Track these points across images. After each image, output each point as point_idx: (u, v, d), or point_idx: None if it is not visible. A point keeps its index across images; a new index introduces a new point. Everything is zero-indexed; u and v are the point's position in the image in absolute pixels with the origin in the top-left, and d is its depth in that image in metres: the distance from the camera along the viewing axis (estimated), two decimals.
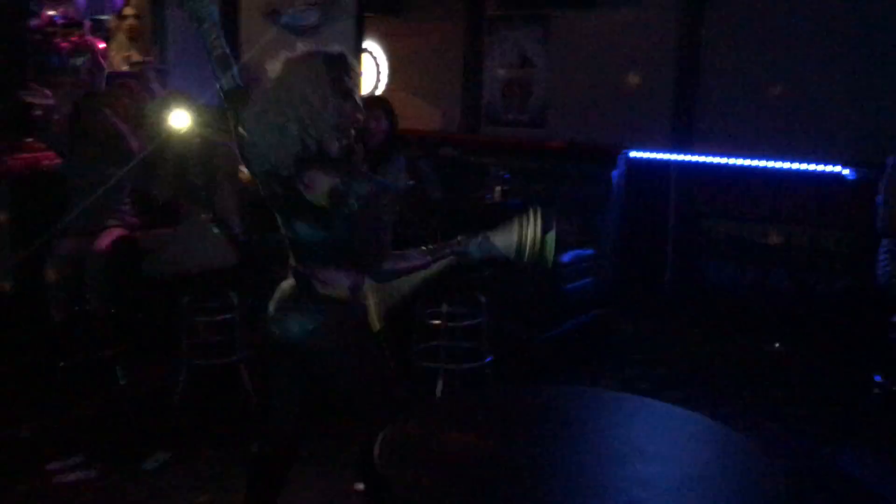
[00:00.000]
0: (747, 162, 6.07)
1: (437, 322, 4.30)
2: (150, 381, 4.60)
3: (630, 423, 2.15)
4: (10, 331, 4.72)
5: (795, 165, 5.87)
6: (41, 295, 4.49)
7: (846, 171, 5.66)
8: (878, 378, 4.42)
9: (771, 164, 5.96)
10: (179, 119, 4.55)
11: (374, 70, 8.17)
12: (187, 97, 4.71)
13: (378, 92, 8.07)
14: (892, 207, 4.25)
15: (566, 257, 5.03)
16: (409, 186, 4.54)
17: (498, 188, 5.12)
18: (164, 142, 4.58)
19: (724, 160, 6.19)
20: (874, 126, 5.48)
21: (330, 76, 2.40)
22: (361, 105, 2.50)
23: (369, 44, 8.07)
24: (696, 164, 6.28)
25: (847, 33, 5.72)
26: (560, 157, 6.44)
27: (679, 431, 2.10)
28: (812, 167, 5.81)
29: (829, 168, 5.74)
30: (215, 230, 4.39)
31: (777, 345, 5.48)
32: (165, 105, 4.67)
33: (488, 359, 4.34)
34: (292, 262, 2.52)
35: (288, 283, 2.55)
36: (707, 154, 6.26)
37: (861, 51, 5.67)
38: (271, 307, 2.57)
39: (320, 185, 2.34)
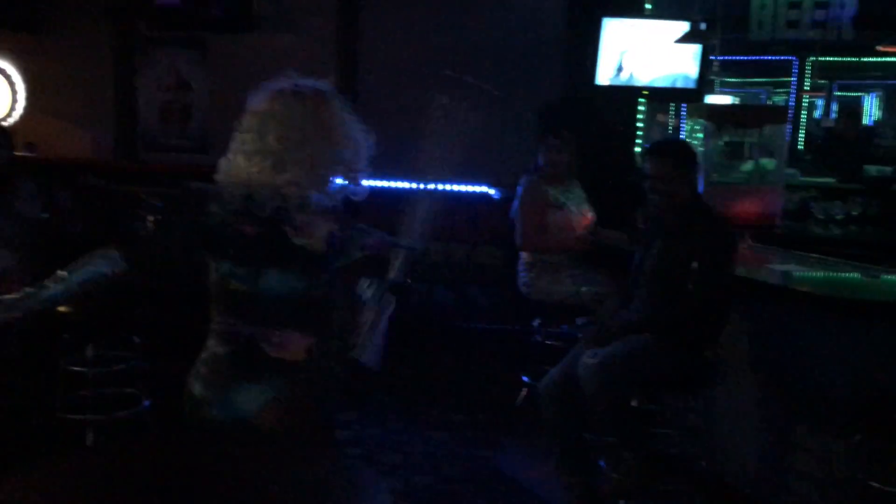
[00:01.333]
0: (407, 185, 6.34)
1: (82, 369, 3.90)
2: None
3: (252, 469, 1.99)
4: None
5: (451, 187, 6.26)
6: None
7: (493, 192, 6.16)
8: (525, 378, 4.80)
9: (430, 186, 6.28)
10: None
11: (8, 92, 7.30)
12: None
13: (15, 115, 7.24)
14: (525, 225, 4.66)
15: None
16: (41, 219, 4.10)
17: (150, 218, 4.81)
18: None
19: (386, 184, 6.41)
20: (511, 152, 6.05)
21: (331, 113, 2.18)
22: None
23: (1, 62, 7.22)
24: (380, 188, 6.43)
25: (491, 67, 6.23)
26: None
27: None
28: (465, 188, 6.24)
29: (478, 189, 6.21)
30: None
31: None
32: None
33: (145, 404, 4.03)
34: (223, 323, 2.13)
35: (221, 350, 2.14)
36: (373, 178, 6.43)
37: (502, 84, 6.22)
38: (197, 386, 2.15)
39: (317, 230, 2.12)
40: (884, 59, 9.52)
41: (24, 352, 4.06)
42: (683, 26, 5.76)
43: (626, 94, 6.36)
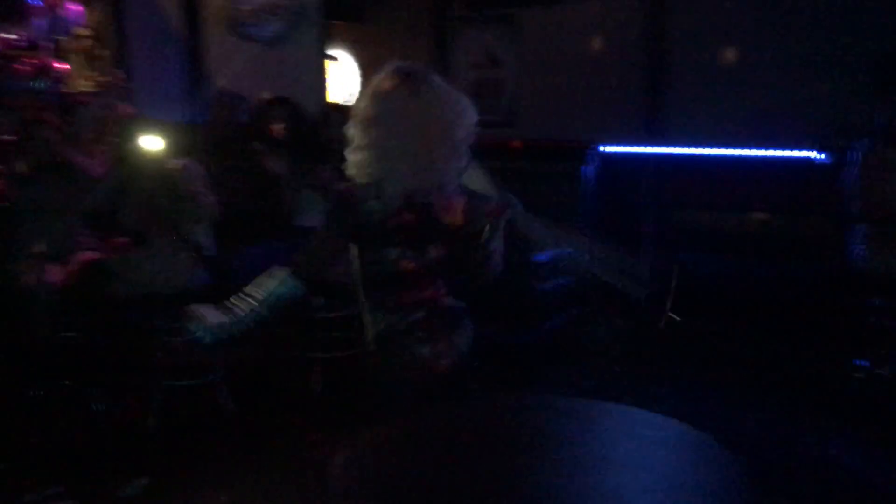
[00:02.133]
0: (720, 151, 6.06)
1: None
2: (124, 405, 4.54)
3: (598, 431, 2.11)
4: None
5: (769, 152, 5.87)
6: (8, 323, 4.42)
7: (821, 156, 5.66)
8: (860, 362, 4.41)
9: (744, 151, 5.95)
10: (147, 142, 4.49)
11: (346, 77, 8.13)
12: (153, 119, 4.66)
13: (351, 99, 8.03)
14: (869, 193, 4.24)
15: (541, 257, 5.00)
16: None
17: None
18: (132, 165, 4.51)
19: (696, 150, 6.18)
20: (841, 110, 5.49)
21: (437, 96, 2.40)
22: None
23: (339, 51, 8.03)
24: (669, 155, 6.26)
25: (813, 18, 5.73)
26: (529, 156, 6.42)
27: (650, 437, 2.06)
28: (784, 153, 5.81)
29: (801, 153, 5.74)
30: (183, 250, 4.34)
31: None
32: (132, 128, 4.61)
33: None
34: (391, 298, 2.44)
35: (397, 320, 2.46)
36: (679, 145, 6.25)
37: (826, 35, 5.68)
38: (383, 356, 2.52)
39: (455, 206, 2.38)
40: None
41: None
42: None
43: None
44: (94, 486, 3.70)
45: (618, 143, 6.39)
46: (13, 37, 5.16)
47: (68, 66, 5.67)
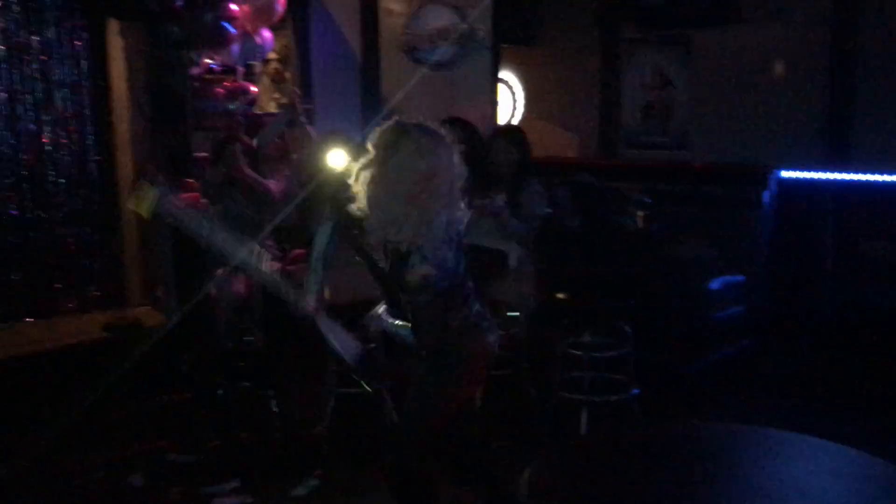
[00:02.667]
0: None
1: (578, 352, 4.23)
2: (300, 409, 4.75)
3: (787, 462, 2.02)
4: (171, 360, 5.03)
5: None
6: (203, 326, 4.74)
7: None
8: None
9: None
10: (336, 158, 4.68)
11: (510, 100, 8.22)
12: (343, 136, 4.87)
13: (515, 121, 8.10)
14: None
15: (714, 284, 4.83)
16: (545, 214, 4.51)
17: (640, 213, 5.00)
18: (322, 180, 4.72)
19: (885, 178, 5.79)
20: None
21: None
22: None
23: (505, 74, 8.14)
24: (855, 182, 5.89)
25: None
26: (705, 180, 6.22)
27: (840, 470, 1.94)
28: None
29: None
30: (360, 263, 4.49)
31: None
32: (325, 145, 4.84)
33: (634, 391, 4.21)
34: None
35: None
36: (866, 172, 5.87)
37: None
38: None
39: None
40: None
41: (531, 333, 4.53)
42: None
43: None
44: (269, 483, 3.90)
45: (798, 168, 6.08)
46: (213, 62, 5.60)
47: (256, 89, 6.09)
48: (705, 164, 6.43)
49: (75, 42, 6.02)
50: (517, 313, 4.42)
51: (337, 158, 4.63)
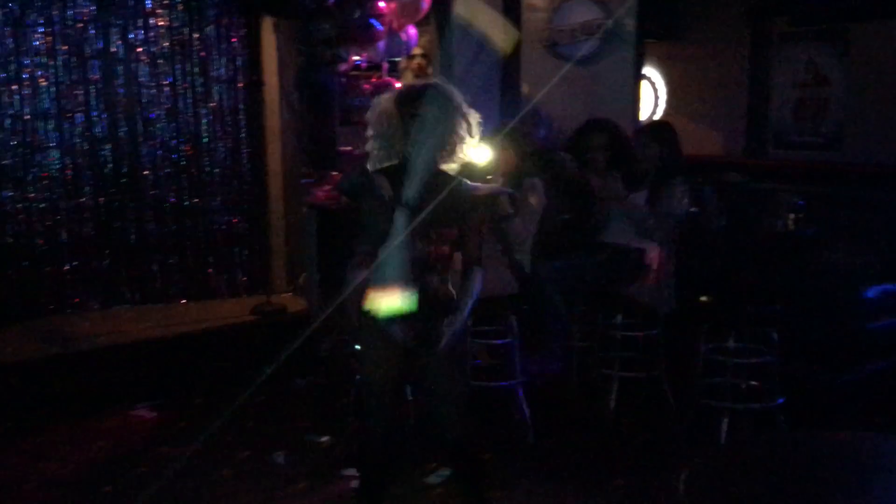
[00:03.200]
0: None
1: (721, 358, 4.10)
2: None
3: None
4: (312, 345, 5.24)
5: None
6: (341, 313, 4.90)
7: None
8: None
9: None
10: (477, 154, 4.70)
11: (652, 96, 8.04)
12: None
13: (655, 117, 7.92)
14: None
15: (870, 293, 4.56)
16: (684, 214, 4.40)
17: (791, 216, 4.78)
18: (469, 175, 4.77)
19: None
20: None
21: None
22: None
23: (648, 69, 7.96)
24: None
25: None
26: (862, 182, 5.86)
27: None
28: None
29: None
30: (503, 257, 4.55)
31: None
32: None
33: (779, 400, 4.04)
34: None
35: None
36: None
37: None
38: None
39: None
40: None
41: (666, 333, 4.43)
42: None
43: None
44: (402, 469, 3.99)
45: None
46: (360, 58, 5.77)
47: (400, 85, 6.21)
48: (863, 164, 6.05)
49: (232, 39, 6.36)
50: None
51: (480, 155, 4.67)
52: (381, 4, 5.56)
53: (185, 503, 3.75)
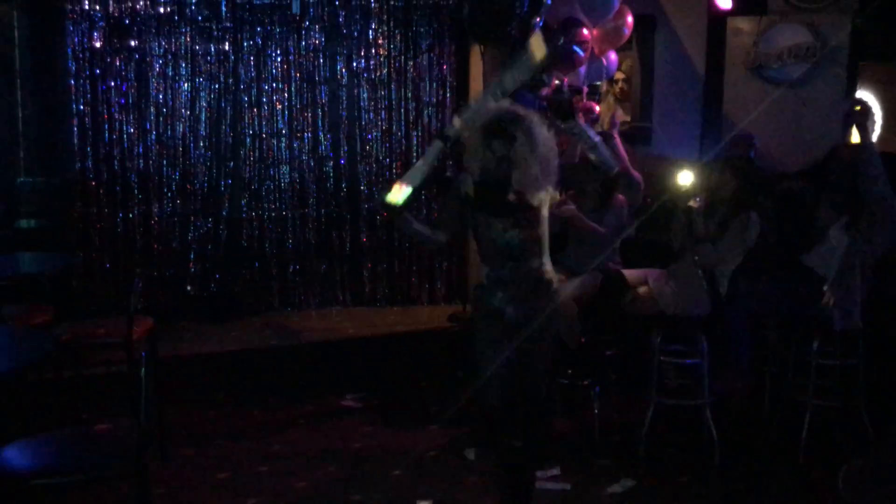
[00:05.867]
0: None
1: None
2: (622, 410, 4.94)
3: None
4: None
5: None
6: None
7: None
8: None
9: None
10: (685, 177, 4.82)
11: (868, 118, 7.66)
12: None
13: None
14: None
15: None
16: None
17: None
18: (674, 196, 4.89)
19: None
20: None
21: None
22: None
23: (862, 92, 7.60)
24: None
25: None
26: None
27: None
28: None
29: None
30: (701, 279, 4.60)
31: None
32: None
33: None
34: None
35: None
36: None
37: None
38: None
39: None
40: None
41: None
42: None
43: None
44: (587, 476, 4.15)
45: None
46: (561, 82, 6.02)
47: (598, 107, 6.41)
48: None
49: (443, 65, 6.85)
50: None
51: (685, 179, 4.77)
52: (585, 32, 5.79)
53: (383, 482, 4.11)
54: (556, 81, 5.91)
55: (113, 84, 6.22)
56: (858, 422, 4.37)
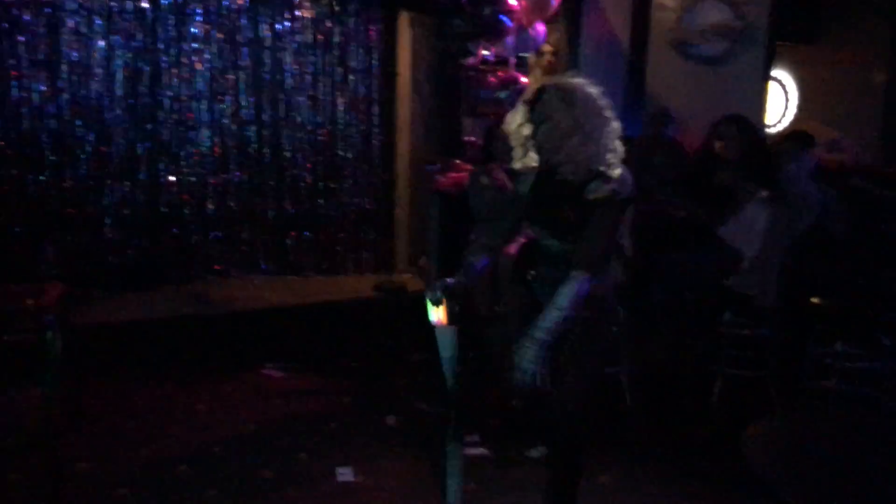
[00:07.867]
0: None
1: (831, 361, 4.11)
2: None
3: None
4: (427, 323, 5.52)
5: None
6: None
7: None
8: None
9: None
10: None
11: (782, 100, 7.91)
12: None
13: (784, 122, 7.80)
14: None
15: None
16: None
17: None
18: None
19: None
20: None
21: None
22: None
23: (778, 73, 7.84)
24: None
25: None
26: None
27: None
28: None
29: None
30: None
31: None
32: None
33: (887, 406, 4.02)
34: None
35: None
36: None
37: None
38: None
39: None
40: None
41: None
42: None
43: None
44: (507, 442, 4.21)
45: None
46: (488, 52, 6.02)
47: (526, 79, 6.43)
48: None
49: (370, 32, 6.75)
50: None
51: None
52: (512, 1, 5.79)
53: (302, 449, 4.10)
54: (483, 52, 5.90)
55: (23, 39, 5.91)
56: (766, 390, 4.56)
